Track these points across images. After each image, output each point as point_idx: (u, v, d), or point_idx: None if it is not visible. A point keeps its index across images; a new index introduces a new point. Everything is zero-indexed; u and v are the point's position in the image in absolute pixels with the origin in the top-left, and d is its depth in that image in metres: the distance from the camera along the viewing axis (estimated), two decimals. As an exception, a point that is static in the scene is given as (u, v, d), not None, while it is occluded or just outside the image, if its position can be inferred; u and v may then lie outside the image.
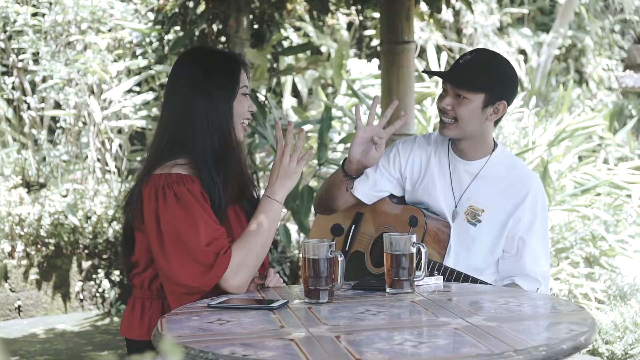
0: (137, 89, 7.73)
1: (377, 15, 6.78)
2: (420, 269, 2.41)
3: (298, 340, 1.81)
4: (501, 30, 13.08)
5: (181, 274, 2.34)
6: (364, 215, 3.06)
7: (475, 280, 2.70)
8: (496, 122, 2.85)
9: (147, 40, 7.19)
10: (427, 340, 1.82)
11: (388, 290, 2.34)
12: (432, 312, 2.09)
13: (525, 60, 12.85)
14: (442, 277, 2.54)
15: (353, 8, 6.57)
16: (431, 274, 2.52)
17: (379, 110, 4.64)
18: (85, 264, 6.83)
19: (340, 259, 2.27)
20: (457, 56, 12.67)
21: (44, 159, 7.88)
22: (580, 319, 1.94)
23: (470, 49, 11.98)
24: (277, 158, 2.54)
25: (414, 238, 2.34)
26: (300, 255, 2.28)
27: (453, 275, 2.73)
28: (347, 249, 3.07)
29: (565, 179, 5.86)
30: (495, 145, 2.90)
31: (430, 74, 3.03)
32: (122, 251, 2.65)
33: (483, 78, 2.73)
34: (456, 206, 2.86)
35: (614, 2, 13.66)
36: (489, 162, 2.86)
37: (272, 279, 2.55)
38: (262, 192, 2.60)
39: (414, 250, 2.33)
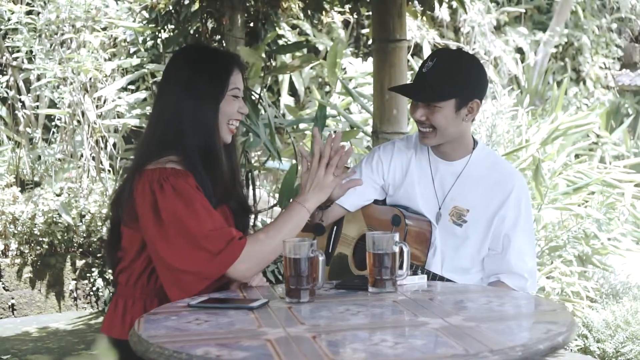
0: (133, 87, 7.73)
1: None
2: (402, 268, 2.40)
3: (274, 341, 1.80)
4: (498, 28, 13.07)
5: (186, 261, 2.34)
6: (346, 217, 3.05)
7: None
8: (473, 119, 2.85)
9: (141, 38, 7.17)
10: (404, 341, 1.81)
11: (370, 289, 2.33)
12: (413, 312, 2.08)
13: (522, 59, 12.84)
14: (426, 276, 2.53)
15: (347, 7, 6.56)
16: (414, 273, 2.51)
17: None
18: (79, 263, 6.82)
19: (321, 258, 2.26)
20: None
21: (39, 157, 7.87)
22: (560, 319, 1.93)
23: (467, 47, 12.02)
24: (312, 168, 2.52)
25: (397, 237, 2.33)
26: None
27: (436, 279, 2.72)
28: (329, 251, 3.06)
29: (558, 177, 5.85)
30: (475, 143, 2.89)
31: (395, 90, 3.02)
32: (107, 248, 2.65)
33: (449, 85, 2.71)
34: (440, 208, 2.85)
35: (610, 1, 13.66)
36: (471, 161, 2.85)
37: (255, 278, 2.54)
38: (255, 191, 2.64)
39: (396, 249, 2.32)
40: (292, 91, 10.04)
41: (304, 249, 2.22)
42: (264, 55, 6.57)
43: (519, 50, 13.00)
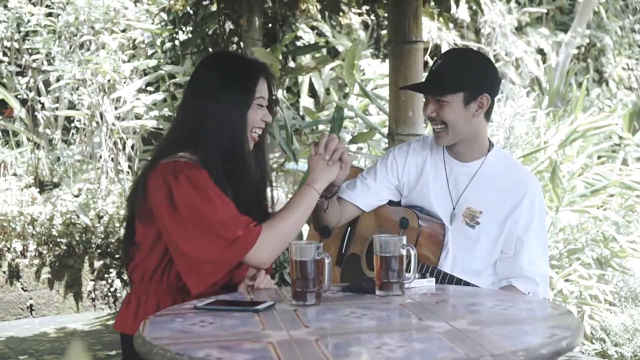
0: (152, 89, 7.76)
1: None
2: (410, 271, 2.38)
3: (276, 344, 1.80)
4: (519, 29, 13.00)
5: (203, 250, 2.37)
6: (360, 218, 3.05)
7: (467, 284, 2.68)
8: (487, 118, 2.84)
9: (159, 40, 7.20)
10: (406, 344, 1.80)
11: (378, 292, 2.32)
12: (418, 315, 2.07)
13: (544, 60, 12.76)
14: (434, 279, 2.51)
15: (364, 8, 6.55)
16: (423, 277, 2.49)
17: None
18: (97, 264, 6.86)
19: (327, 261, 2.25)
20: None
21: (58, 158, 7.92)
22: (565, 323, 1.91)
23: (487, 48, 11.96)
24: (319, 149, 2.58)
25: (404, 240, 2.32)
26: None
27: (446, 279, 2.71)
28: (343, 251, 3.06)
29: (576, 179, 5.79)
30: (491, 145, 2.89)
31: (407, 88, 3.06)
32: (123, 243, 2.68)
33: (455, 78, 2.74)
34: (454, 208, 2.84)
35: (634, 2, 13.53)
36: (485, 163, 2.85)
37: (263, 281, 2.54)
38: (273, 193, 2.68)
39: (403, 252, 2.31)
40: (312, 92, 10.03)
41: (310, 252, 2.21)
42: (280, 57, 6.58)
43: (540, 52, 12.91)
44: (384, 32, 10.71)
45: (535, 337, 1.82)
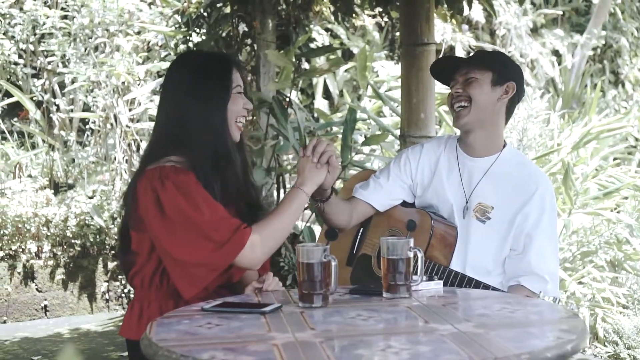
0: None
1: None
2: (417, 274, 2.38)
3: (280, 346, 1.80)
4: (535, 31, 12.95)
5: (193, 254, 2.37)
6: (372, 219, 3.06)
7: (478, 284, 2.67)
8: (508, 114, 2.91)
9: (172, 42, 7.23)
10: (410, 347, 1.80)
11: (385, 295, 2.33)
12: (424, 318, 2.07)
13: (559, 62, 12.71)
14: (442, 281, 2.51)
15: (377, 10, 6.55)
16: (431, 279, 2.49)
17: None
18: (111, 265, 6.89)
19: (333, 263, 2.25)
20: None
21: (73, 160, 7.96)
22: (571, 327, 1.91)
23: (502, 50, 11.92)
24: (303, 157, 2.59)
25: (412, 242, 2.32)
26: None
27: (457, 279, 2.70)
28: (354, 252, 3.07)
29: (590, 182, 5.77)
30: (505, 144, 2.93)
31: (438, 62, 3.11)
32: (119, 252, 2.68)
33: (488, 58, 2.97)
34: (466, 202, 2.87)
35: (649, 3, 13.45)
36: (499, 159, 2.89)
37: (271, 283, 2.55)
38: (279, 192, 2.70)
39: (410, 254, 2.31)
40: (327, 94, 10.04)
41: (317, 254, 2.22)
42: (294, 59, 6.59)
43: (556, 53, 12.86)
44: (399, 33, 10.71)
45: (540, 340, 1.81)
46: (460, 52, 9.60)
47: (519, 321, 2.03)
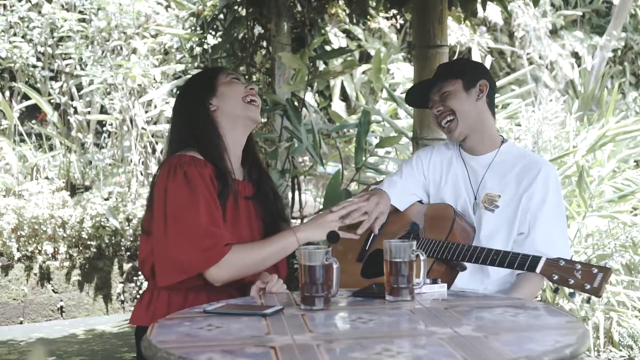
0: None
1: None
2: (419, 277, 2.38)
3: (278, 348, 1.80)
4: (554, 32, 12.88)
5: (172, 248, 2.46)
6: (388, 217, 3.07)
7: (507, 254, 2.61)
8: (492, 108, 3.00)
9: (188, 45, 7.25)
10: (407, 351, 1.79)
11: (387, 297, 2.32)
12: (424, 321, 2.06)
13: (579, 64, 12.63)
14: (445, 285, 2.50)
15: (392, 12, 6.54)
16: (434, 282, 2.48)
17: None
18: (126, 266, 6.93)
19: (335, 266, 2.25)
20: (509, 60, 12.51)
21: (90, 162, 8.01)
22: (571, 331, 1.89)
23: (521, 52, 11.85)
24: (327, 211, 2.73)
25: (414, 245, 2.31)
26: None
27: (482, 254, 2.66)
28: (367, 248, 3.06)
29: (605, 184, 5.72)
30: (504, 140, 3.02)
31: (413, 90, 3.23)
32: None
33: (453, 68, 3.09)
34: (475, 198, 2.95)
35: (670, 4, 13.34)
36: (499, 152, 2.98)
37: (275, 285, 2.56)
38: (301, 196, 2.82)
39: (413, 257, 2.30)
40: (344, 96, 10.04)
41: (319, 257, 2.21)
42: (309, 61, 6.59)
43: (575, 55, 12.78)
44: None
45: (538, 345, 1.80)
46: (476, 54, 9.55)
47: (519, 325, 2.02)
